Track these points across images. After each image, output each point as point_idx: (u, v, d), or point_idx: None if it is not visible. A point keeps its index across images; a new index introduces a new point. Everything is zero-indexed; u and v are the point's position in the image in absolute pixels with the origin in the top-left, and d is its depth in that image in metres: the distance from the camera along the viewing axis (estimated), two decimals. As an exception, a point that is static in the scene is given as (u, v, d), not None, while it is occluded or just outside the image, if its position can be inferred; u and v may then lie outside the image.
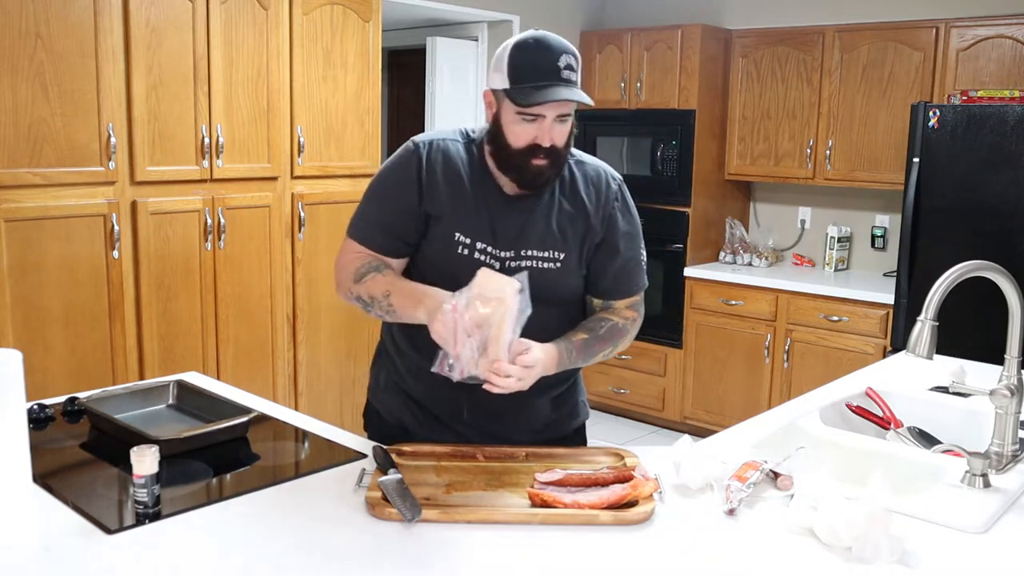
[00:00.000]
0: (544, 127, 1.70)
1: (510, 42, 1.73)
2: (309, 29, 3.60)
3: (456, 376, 1.58)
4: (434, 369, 1.61)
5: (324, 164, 3.73)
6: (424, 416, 1.90)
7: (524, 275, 1.61)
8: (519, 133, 1.72)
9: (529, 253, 1.80)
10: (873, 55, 4.43)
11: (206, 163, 3.33)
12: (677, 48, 4.83)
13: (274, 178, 3.57)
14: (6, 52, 2.81)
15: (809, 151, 4.67)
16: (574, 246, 1.83)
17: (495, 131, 1.76)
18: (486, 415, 1.86)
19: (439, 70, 5.00)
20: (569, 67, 1.69)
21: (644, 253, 1.94)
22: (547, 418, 1.93)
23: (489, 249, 1.78)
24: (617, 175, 1.92)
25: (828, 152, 4.61)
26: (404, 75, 6.33)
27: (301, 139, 3.61)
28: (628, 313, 1.90)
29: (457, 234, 1.79)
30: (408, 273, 1.86)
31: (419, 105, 5.39)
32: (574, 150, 1.87)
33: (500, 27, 5.00)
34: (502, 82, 1.70)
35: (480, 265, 1.76)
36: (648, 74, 4.96)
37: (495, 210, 1.80)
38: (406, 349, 1.90)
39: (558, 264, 1.81)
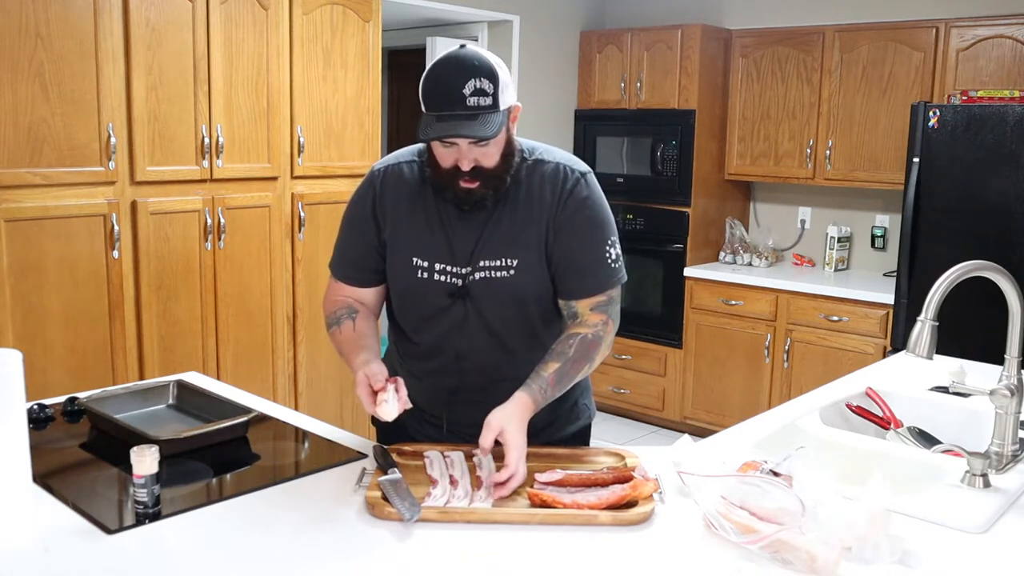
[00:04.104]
0: (462, 152, 1.66)
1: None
2: (309, 29, 3.60)
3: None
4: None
5: (324, 164, 3.73)
6: (420, 414, 1.90)
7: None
8: (442, 155, 1.70)
9: (482, 264, 1.75)
10: (873, 55, 4.43)
11: (206, 163, 3.33)
12: (677, 48, 4.83)
13: (274, 178, 3.57)
14: (6, 52, 2.81)
15: (809, 151, 4.67)
16: (533, 248, 1.75)
17: (428, 152, 1.75)
18: (468, 421, 1.81)
19: (439, 70, 4.99)
20: (480, 92, 1.60)
21: (613, 250, 1.78)
22: (540, 422, 1.84)
23: (448, 268, 1.76)
24: (581, 167, 1.80)
25: (828, 152, 4.61)
26: (404, 75, 6.33)
27: (301, 139, 3.61)
28: (594, 318, 1.77)
29: (415, 259, 1.78)
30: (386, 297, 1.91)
31: (419, 105, 5.38)
32: (539, 146, 1.82)
33: (500, 27, 5.00)
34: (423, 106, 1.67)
35: (440, 286, 1.76)
36: (648, 74, 4.96)
37: (451, 226, 1.77)
38: (401, 346, 1.93)
39: (511, 271, 1.75)
